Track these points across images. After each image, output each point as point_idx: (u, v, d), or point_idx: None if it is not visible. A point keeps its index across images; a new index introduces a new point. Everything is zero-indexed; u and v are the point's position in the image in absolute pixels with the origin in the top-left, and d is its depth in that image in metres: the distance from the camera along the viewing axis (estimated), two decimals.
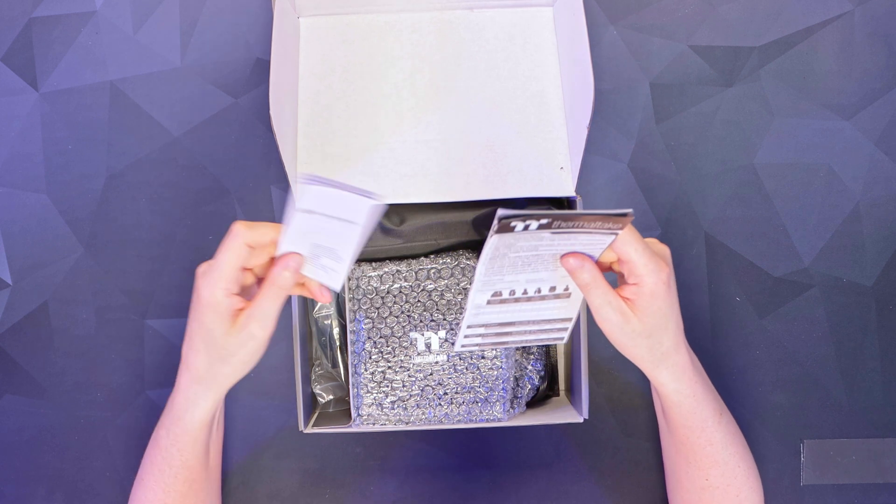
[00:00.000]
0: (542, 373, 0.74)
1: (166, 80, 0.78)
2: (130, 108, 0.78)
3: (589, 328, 0.73)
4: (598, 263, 0.55)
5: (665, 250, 0.56)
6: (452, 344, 0.60)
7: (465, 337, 0.61)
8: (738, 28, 0.78)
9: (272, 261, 0.58)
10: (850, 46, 0.78)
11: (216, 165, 0.77)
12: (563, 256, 0.54)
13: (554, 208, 0.71)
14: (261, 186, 0.77)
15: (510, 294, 0.58)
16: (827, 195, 0.77)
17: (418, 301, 0.70)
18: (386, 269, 0.70)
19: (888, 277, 0.77)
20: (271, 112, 0.60)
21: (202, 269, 0.57)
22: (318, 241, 0.61)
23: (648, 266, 0.51)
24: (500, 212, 0.49)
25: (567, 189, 0.69)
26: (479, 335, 0.61)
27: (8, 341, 0.76)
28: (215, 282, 0.56)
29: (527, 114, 0.72)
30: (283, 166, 0.64)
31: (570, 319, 0.62)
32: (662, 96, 0.78)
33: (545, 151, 0.71)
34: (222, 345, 0.57)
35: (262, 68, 0.78)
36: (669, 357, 0.55)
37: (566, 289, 0.59)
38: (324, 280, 0.62)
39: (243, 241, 0.56)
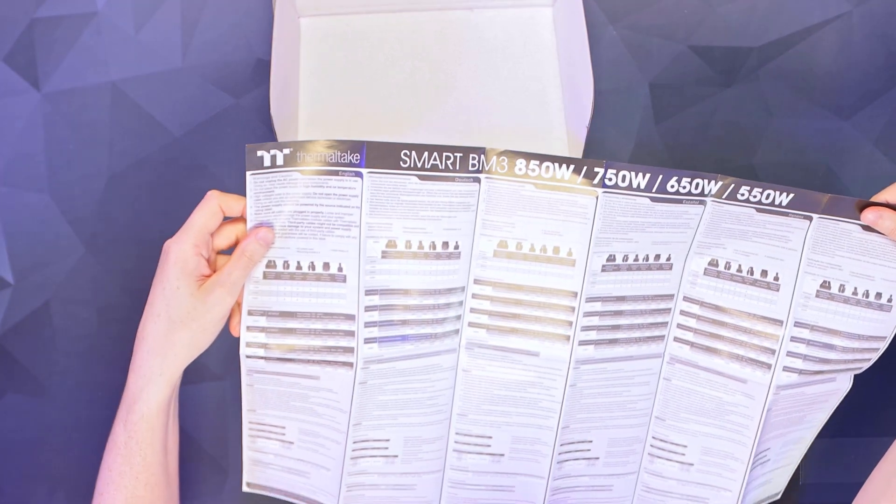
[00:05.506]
0: None
1: (167, 80, 0.78)
2: (132, 108, 0.78)
3: None
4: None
5: None
6: None
7: None
8: (737, 28, 0.78)
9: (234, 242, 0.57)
10: (849, 46, 0.78)
11: (217, 165, 0.77)
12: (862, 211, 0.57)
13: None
14: None
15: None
16: None
17: None
18: None
19: None
20: (272, 112, 0.61)
21: (170, 240, 0.56)
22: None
23: None
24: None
25: None
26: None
27: (9, 340, 0.76)
28: (186, 239, 0.55)
29: (527, 114, 0.72)
30: None
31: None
32: (662, 96, 0.78)
33: (545, 151, 0.71)
34: (186, 306, 0.55)
35: (262, 68, 0.78)
36: None
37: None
38: None
39: (217, 203, 0.55)
